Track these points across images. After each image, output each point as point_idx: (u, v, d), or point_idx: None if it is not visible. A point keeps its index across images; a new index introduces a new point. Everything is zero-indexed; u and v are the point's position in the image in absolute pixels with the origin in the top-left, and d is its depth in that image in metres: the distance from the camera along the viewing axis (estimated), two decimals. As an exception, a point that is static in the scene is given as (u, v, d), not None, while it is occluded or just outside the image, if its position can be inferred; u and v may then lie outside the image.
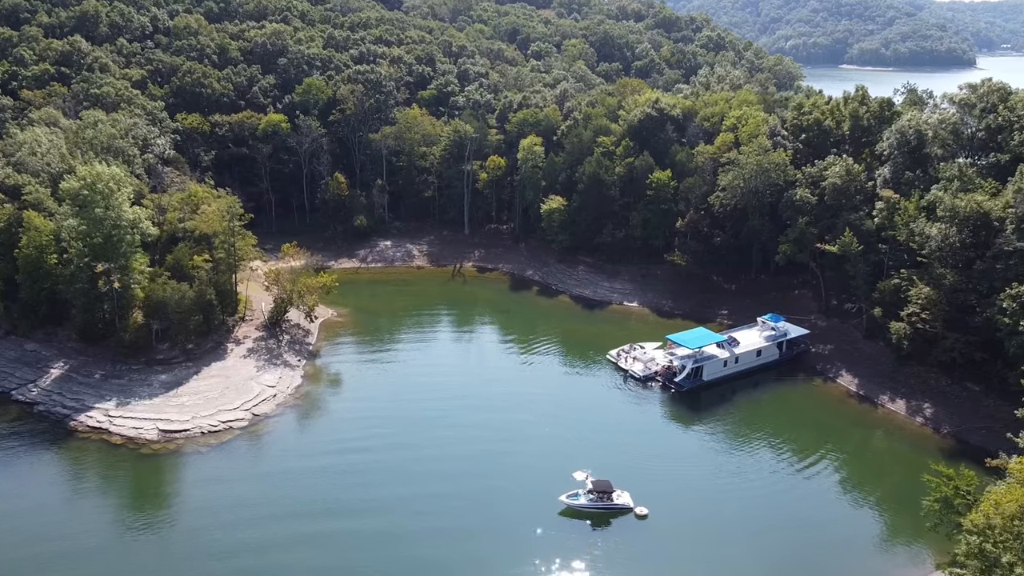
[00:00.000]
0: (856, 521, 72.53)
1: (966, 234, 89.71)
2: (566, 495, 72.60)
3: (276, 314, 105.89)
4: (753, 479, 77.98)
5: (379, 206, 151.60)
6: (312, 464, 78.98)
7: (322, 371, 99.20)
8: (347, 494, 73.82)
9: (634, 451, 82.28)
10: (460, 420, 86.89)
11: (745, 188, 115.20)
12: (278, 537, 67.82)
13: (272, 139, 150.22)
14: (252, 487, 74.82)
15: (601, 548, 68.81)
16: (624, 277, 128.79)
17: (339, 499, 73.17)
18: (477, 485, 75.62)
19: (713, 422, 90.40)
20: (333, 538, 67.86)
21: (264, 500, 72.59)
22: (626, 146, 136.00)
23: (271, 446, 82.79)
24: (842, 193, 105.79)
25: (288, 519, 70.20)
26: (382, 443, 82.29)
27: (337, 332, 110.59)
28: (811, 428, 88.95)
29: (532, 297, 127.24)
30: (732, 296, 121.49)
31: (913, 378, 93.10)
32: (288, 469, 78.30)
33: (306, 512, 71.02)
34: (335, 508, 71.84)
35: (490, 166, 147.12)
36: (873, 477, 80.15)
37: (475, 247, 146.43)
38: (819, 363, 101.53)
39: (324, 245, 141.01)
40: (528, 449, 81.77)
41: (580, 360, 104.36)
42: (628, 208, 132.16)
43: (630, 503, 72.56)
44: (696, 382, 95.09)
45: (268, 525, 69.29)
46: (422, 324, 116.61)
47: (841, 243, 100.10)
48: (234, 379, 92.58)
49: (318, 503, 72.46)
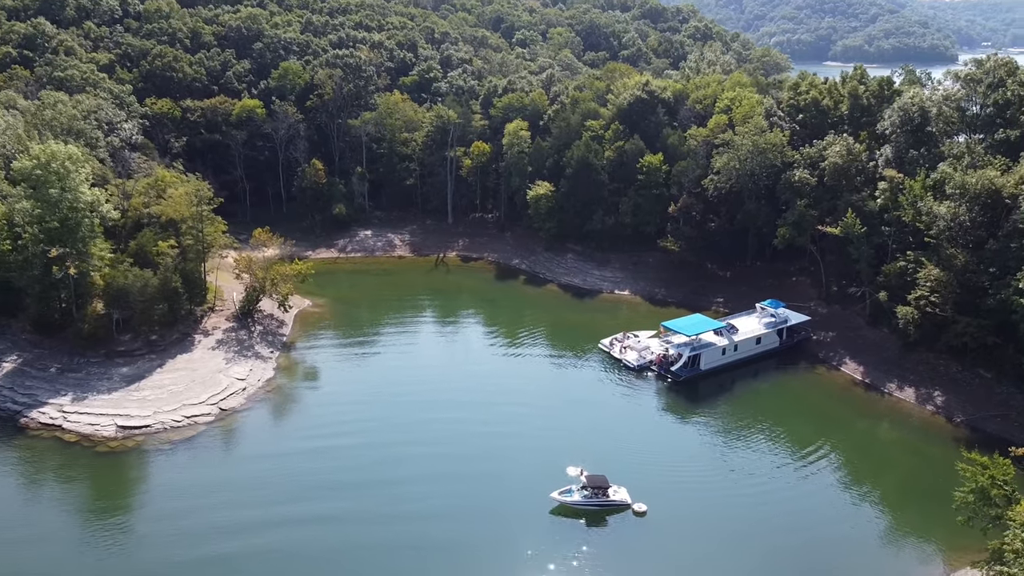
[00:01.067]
0: (868, 517, 67.50)
1: (976, 212, 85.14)
2: (558, 492, 67.06)
3: (247, 304, 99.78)
4: (757, 473, 72.85)
5: (359, 195, 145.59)
6: (283, 458, 73.21)
7: (296, 363, 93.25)
8: (319, 486, 68.05)
9: (629, 445, 76.95)
10: (443, 415, 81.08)
11: (741, 170, 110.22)
12: (242, 536, 61.90)
13: (247, 125, 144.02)
14: (217, 484, 68.85)
15: (597, 548, 63.40)
16: (614, 265, 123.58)
17: (311, 491, 67.42)
18: (460, 484, 69.89)
19: (712, 413, 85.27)
20: (303, 530, 62.12)
21: (230, 501, 66.61)
22: (615, 130, 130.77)
23: (239, 441, 76.90)
24: (843, 173, 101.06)
25: (255, 515, 64.54)
26: (358, 439, 76.43)
27: (313, 323, 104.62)
28: (816, 418, 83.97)
29: (519, 286, 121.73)
30: (727, 283, 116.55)
31: (921, 365, 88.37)
32: (257, 464, 72.62)
33: (274, 505, 65.34)
34: (306, 500, 66.08)
35: (474, 152, 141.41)
36: (884, 469, 75.25)
37: (459, 236, 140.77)
38: (821, 351, 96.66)
39: (301, 235, 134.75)
40: (516, 444, 76.17)
41: (570, 350, 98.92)
42: (618, 194, 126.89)
43: (627, 499, 67.13)
44: (693, 371, 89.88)
45: (233, 523, 63.40)
46: (404, 314, 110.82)
47: (844, 225, 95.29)
48: (201, 372, 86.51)
49: (288, 497, 66.67)
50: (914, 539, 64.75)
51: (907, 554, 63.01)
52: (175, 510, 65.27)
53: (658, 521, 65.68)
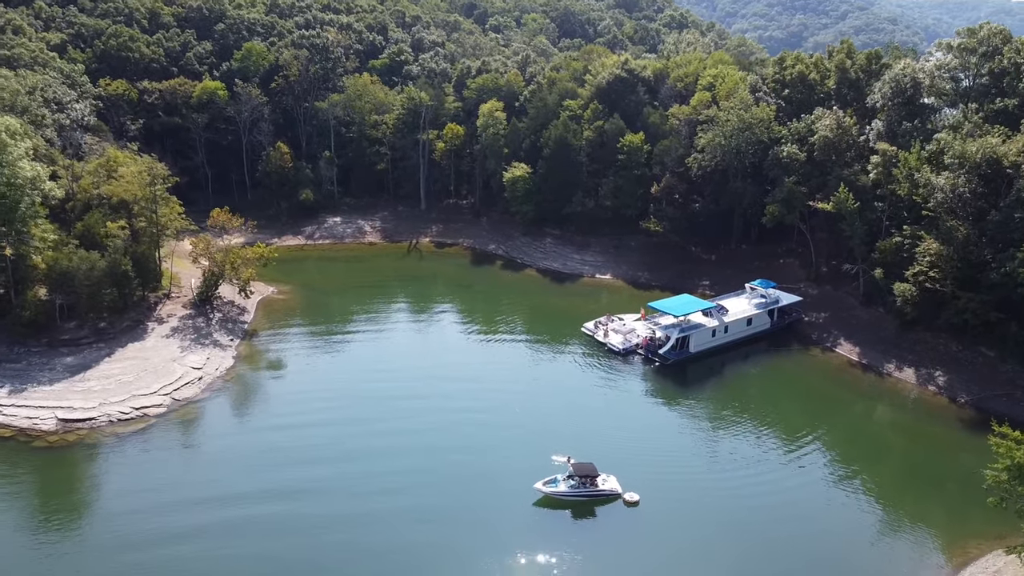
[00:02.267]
0: (874, 503, 62.72)
1: (977, 183, 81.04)
2: (542, 482, 61.54)
3: (206, 290, 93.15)
4: (754, 460, 67.89)
5: (327, 180, 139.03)
6: (241, 450, 67.19)
7: (258, 351, 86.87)
8: (280, 479, 61.89)
9: (617, 432, 71.56)
10: (416, 404, 75.12)
11: (727, 147, 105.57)
12: (190, 538, 55.69)
13: (208, 108, 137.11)
14: (167, 480, 62.38)
15: (586, 542, 58.06)
16: (595, 249, 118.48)
17: (271, 485, 61.26)
18: (435, 477, 63.95)
19: (703, 398, 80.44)
20: (258, 524, 56.08)
21: (180, 500, 60.20)
22: (594, 109, 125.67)
23: (194, 433, 70.51)
24: (833, 148, 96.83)
25: (206, 507, 58.64)
26: (325, 428, 70.29)
27: (277, 310, 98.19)
28: (813, 401, 79.44)
29: (496, 271, 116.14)
30: (712, 266, 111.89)
31: (919, 344, 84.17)
32: (212, 457, 66.67)
33: (231, 497, 59.37)
34: (266, 494, 59.97)
35: (447, 135, 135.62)
36: (888, 453, 70.86)
37: (432, 222, 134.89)
38: (814, 332, 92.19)
39: (267, 222, 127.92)
40: (496, 433, 70.42)
41: (551, 335, 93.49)
42: (598, 175, 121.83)
43: (618, 488, 61.79)
44: (682, 354, 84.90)
45: (181, 523, 57.12)
46: (374, 301, 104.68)
47: (836, 200, 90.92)
48: (153, 361, 79.89)
49: (244, 492, 60.50)
50: (926, 525, 60.02)
51: (919, 541, 58.25)
52: (117, 508, 58.88)
53: (651, 511, 60.45)
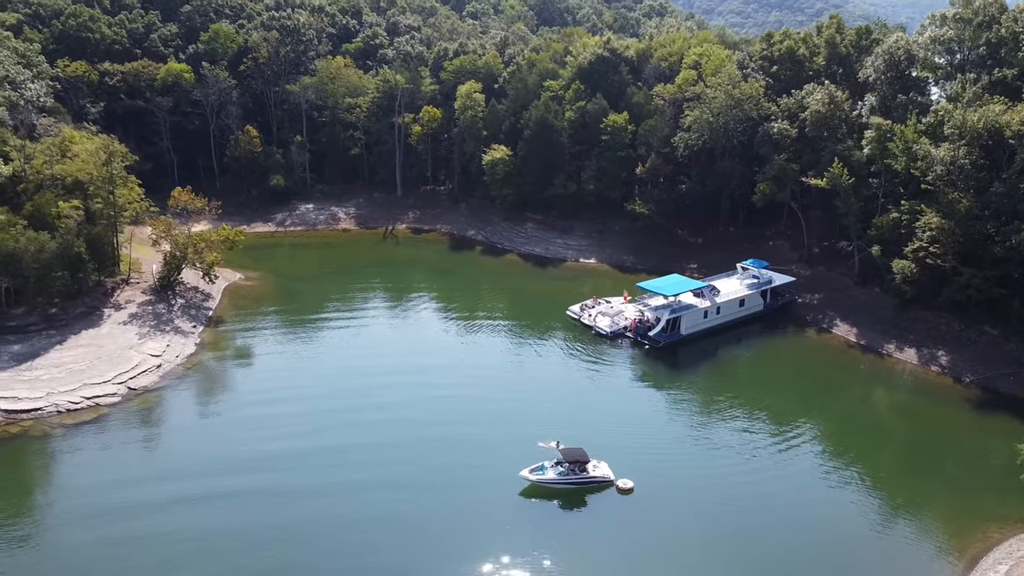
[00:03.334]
0: (883, 488, 58.81)
1: (978, 154, 77.63)
2: (529, 469, 56.93)
3: (167, 274, 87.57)
4: (753, 444, 63.71)
5: (299, 166, 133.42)
6: (200, 440, 62.08)
7: (223, 338, 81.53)
8: (244, 469, 56.91)
9: (606, 418, 66.95)
10: (393, 392, 70.01)
11: (714, 124, 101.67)
12: (136, 523, 50.59)
13: (173, 91, 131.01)
14: (117, 469, 57.37)
15: (577, 533, 53.66)
16: (578, 233, 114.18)
17: (233, 476, 56.18)
18: (411, 467, 59.14)
19: (697, 381, 76.33)
20: (217, 514, 51.04)
21: (130, 493, 55.02)
22: (576, 90, 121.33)
23: (149, 423, 65.16)
24: (825, 123, 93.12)
25: (159, 499, 53.13)
26: (293, 418, 65.17)
27: (245, 296, 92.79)
28: (812, 383, 75.60)
29: (476, 257, 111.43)
30: (700, 249, 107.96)
31: (920, 324, 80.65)
32: (170, 445, 62.06)
33: (189, 488, 54.07)
34: (226, 482, 54.96)
35: (424, 118, 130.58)
36: (893, 435, 67.01)
37: (409, 208, 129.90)
38: (808, 313, 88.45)
39: (236, 210, 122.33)
40: (477, 421, 65.50)
41: (535, 319, 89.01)
42: (580, 157, 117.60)
43: (610, 475, 57.37)
44: (673, 336, 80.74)
45: (127, 511, 52.11)
46: (348, 286, 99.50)
47: (830, 176, 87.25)
48: (108, 348, 74.35)
49: (202, 486, 55.37)
50: (939, 509, 56.19)
51: (932, 527, 54.33)
52: (63, 502, 53.66)
53: (646, 499, 56.09)
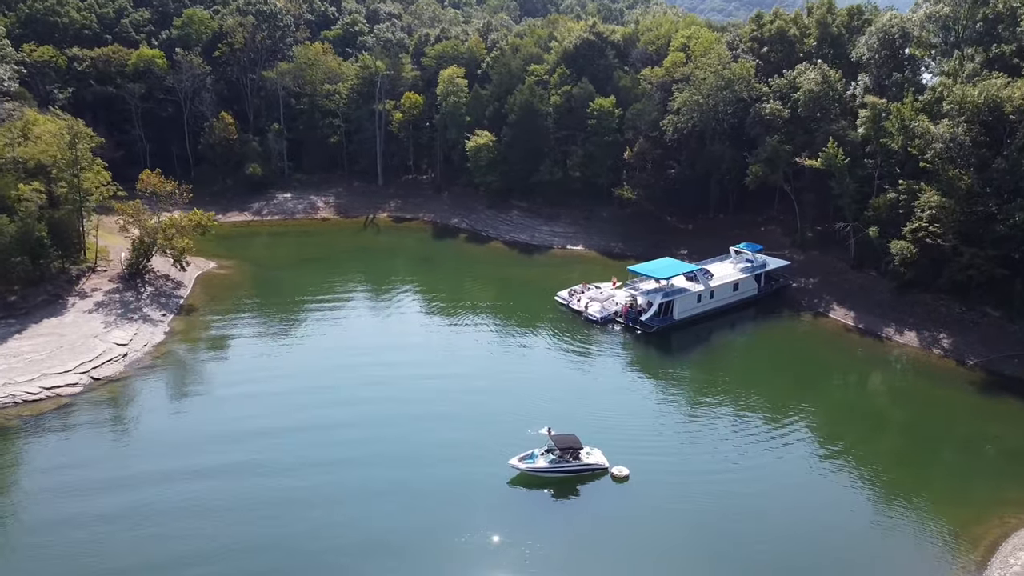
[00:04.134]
0: (891, 475, 56.09)
1: (978, 131, 75.18)
2: (518, 457, 53.66)
3: (136, 261, 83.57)
4: (752, 430, 60.72)
5: (276, 154, 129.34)
6: (167, 431, 58.24)
7: (194, 327, 77.61)
8: (210, 457, 53.27)
9: (598, 406, 63.48)
10: (374, 379, 66.48)
11: (704, 106, 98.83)
12: (91, 514, 46.90)
13: (145, 78, 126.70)
14: (74, 460, 53.57)
15: (571, 524, 50.37)
16: (565, 220, 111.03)
17: (202, 470, 52.54)
18: (392, 457, 55.86)
19: (691, 366, 73.37)
20: (180, 505, 47.38)
21: (87, 484, 51.28)
22: (561, 74, 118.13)
23: (112, 412, 61.29)
24: (819, 103, 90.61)
25: (120, 488, 49.75)
26: (268, 409, 61.58)
27: (218, 284, 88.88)
28: (810, 368, 72.82)
29: (459, 244, 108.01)
30: (690, 236, 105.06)
31: (919, 307, 78.16)
32: (133, 435, 58.49)
33: (152, 477, 50.35)
34: (192, 471, 51.28)
35: (405, 104, 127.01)
36: (898, 420, 64.37)
37: (391, 197, 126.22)
38: (804, 297, 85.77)
39: (211, 199, 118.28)
40: (462, 411, 62.03)
41: (522, 305, 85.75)
42: (567, 142, 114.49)
43: (604, 462, 54.20)
44: (666, 321, 77.73)
45: (84, 502, 48.33)
46: (327, 275, 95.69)
47: (824, 156, 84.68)
48: (71, 337, 70.31)
49: (171, 466, 51.74)
50: (952, 495, 53.20)
51: (945, 513, 51.47)
52: (17, 493, 49.81)
53: (643, 487, 52.92)
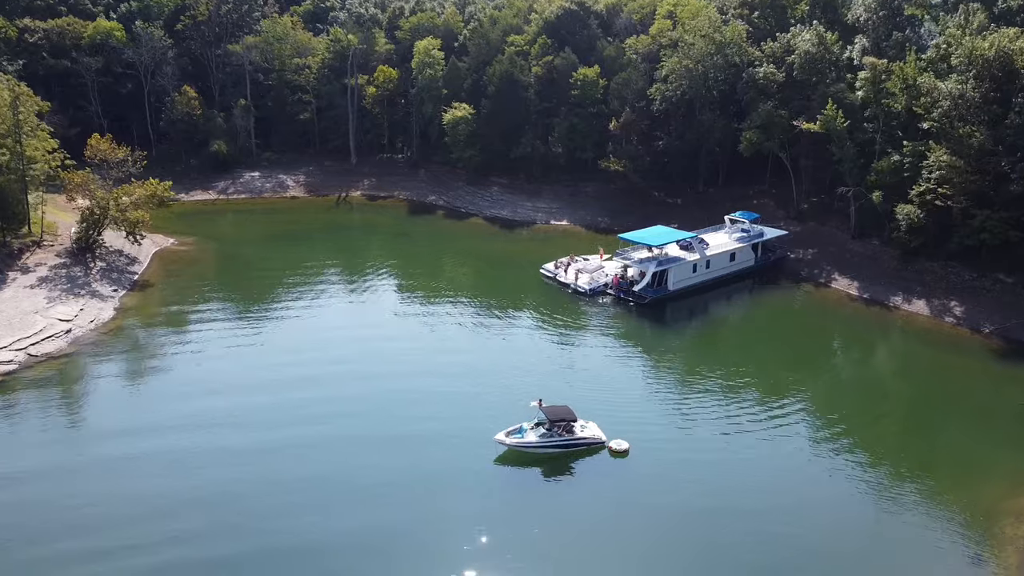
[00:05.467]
0: (912, 448, 51.45)
1: (988, 86, 70.80)
2: (505, 432, 48.22)
3: (86, 234, 77.00)
4: (758, 403, 55.74)
5: (243, 131, 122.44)
6: (105, 411, 52.23)
7: (147, 303, 71.26)
8: (159, 437, 47.34)
9: (590, 382, 57.98)
10: (344, 357, 60.82)
11: (694, 72, 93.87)
12: (39, 487, 40.92)
13: (103, 51, 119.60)
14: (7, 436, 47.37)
15: (565, 505, 45.00)
16: (548, 196, 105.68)
17: (147, 441, 46.62)
18: (366, 440, 50.28)
19: (691, 339, 68.63)
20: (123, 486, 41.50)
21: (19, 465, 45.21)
22: (543, 44, 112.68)
23: (49, 390, 54.93)
24: (815, 66, 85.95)
25: (57, 468, 43.48)
26: (225, 388, 55.73)
27: (177, 260, 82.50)
28: (816, 338, 68.24)
29: (437, 220, 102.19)
30: (679, 210, 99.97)
31: (927, 275, 73.73)
32: (69, 415, 52.22)
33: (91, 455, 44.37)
34: (140, 451, 45.36)
35: (379, 79, 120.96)
36: (916, 390, 59.59)
37: (364, 176, 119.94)
38: (803, 268, 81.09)
39: (174, 179, 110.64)
40: (442, 389, 56.24)
41: (506, 278, 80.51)
42: (549, 115, 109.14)
43: (600, 435, 48.94)
44: (660, 292, 72.55)
45: (27, 477, 42.28)
46: (295, 251, 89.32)
47: (823, 119, 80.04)
48: (7, 313, 63.77)
49: (114, 447, 45.79)
50: (983, 465, 48.70)
51: (981, 485, 46.78)
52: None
53: (644, 464, 47.64)
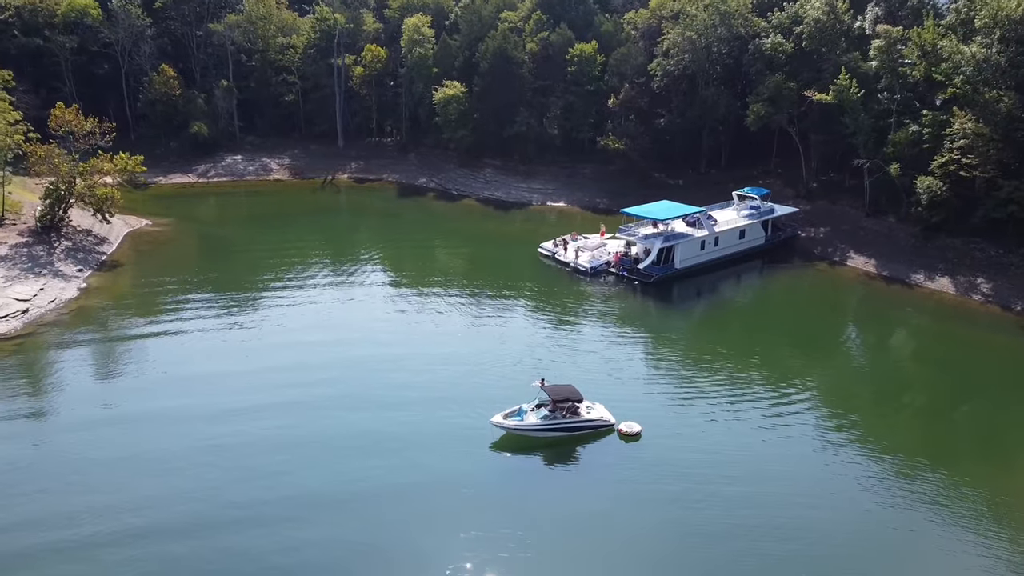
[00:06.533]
0: (949, 430, 47.04)
1: (1015, 49, 66.50)
2: (502, 414, 43.35)
3: (50, 211, 71.87)
4: (778, 390, 51.11)
5: (225, 113, 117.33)
6: (65, 390, 47.18)
7: (115, 284, 66.14)
8: (120, 422, 42.48)
9: (595, 366, 52.93)
10: (328, 343, 55.93)
11: (697, 44, 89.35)
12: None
13: (77, 30, 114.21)
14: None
15: (571, 497, 40.20)
16: (543, 178, 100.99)
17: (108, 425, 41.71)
18: (345, 426, 45.52)
19: (703, 320, 63.99)
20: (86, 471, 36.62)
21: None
22: (537, 20, 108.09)
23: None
24: (826, 34, 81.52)
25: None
26: (194, 369, 50.87)
27: (150, 241, 77.40)
28: (837, 318, 63.85)
29: (428, 202, 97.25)
30: (681, 191, 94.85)
31: (949, 251, 69.36)
32: (19, 402, 46.52)
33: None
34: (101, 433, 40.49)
35: (367, 58, 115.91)
36: (948, 370, 55.00)
37: (352, 160, 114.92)
38: (816, 247, 76.62)
39: (152, 164, 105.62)
40: (436, 372, 51.50)
41: (502, 257, 75.83)
42: (544, 93, 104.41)
43: (609, 417, 44.20)
44: (667, 270, 67.87)
45: None
46: (277, 233, 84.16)
47: (836, 89, 75.61)
48: (-40, 292, 58.83)
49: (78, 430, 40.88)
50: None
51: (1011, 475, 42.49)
52: None
53: (657, 448, 42.92)
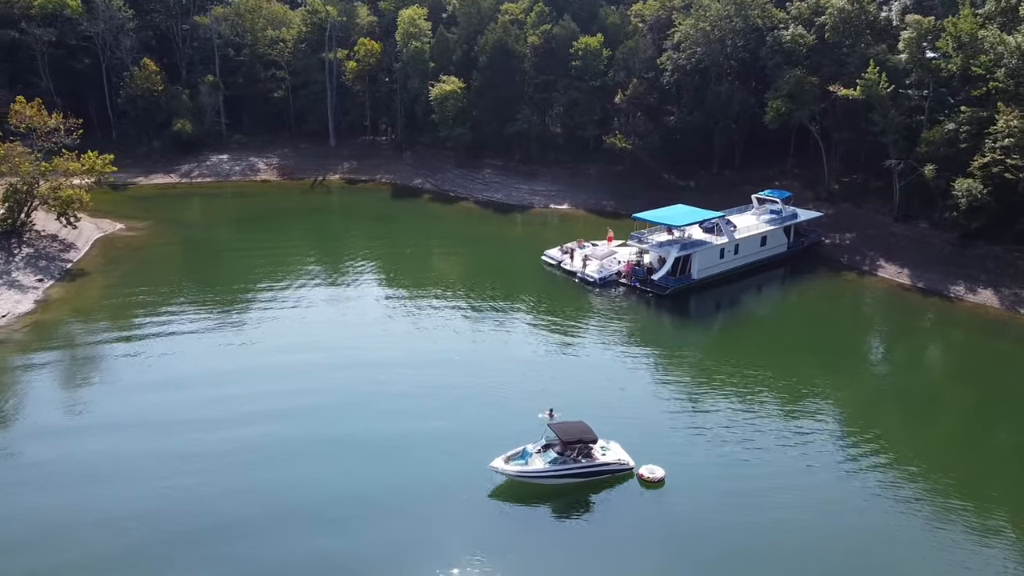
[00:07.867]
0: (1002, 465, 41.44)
1: (1064, 40, 61.02)
2: (504, 457, 37.47)
3: (9, 215, 66.10)
4: (818, 420, 45.42)
5: (211, 110, 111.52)
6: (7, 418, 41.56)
7: (78, 296, 60.30)
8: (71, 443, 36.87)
9: (606, 391, 47.28)
10: (316, 363, 50.35)
11: (711, 36, 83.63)
12: None
13: (56, 22, 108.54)
14: None
15: (586, 557, 34.56)
16: (546, 179, 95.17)
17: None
18: (329, 465, 39.85)
19: (722, 337, 57.98)
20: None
21: None
22: (539, 12, 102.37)
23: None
24: (850, 26, 75.87)
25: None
26: (164, 393, 45.23)
27: (122, 247, 71.55)
28: (869, 334, 58.28)
29: (424, 204, 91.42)
30: (692, 193, 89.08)
31: (990, 261, 63.67)
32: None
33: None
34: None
35: (360, 52, 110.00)
36: (1002, 394, 49.21)
37: (344, 159, 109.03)
38: (842, 255, 70.81)
39: (134, 163, 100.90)
40: (428, 400, 45.73)
41: (503, 266, 69.94)
42: (547, 89, 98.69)
43: (627, 460, 38.37)
44: (683, 280, 62.05)
45: None
46: (262, 238, 78.24)
47: (863, 83, 69.88)
48: (-99, 306, 53.13)
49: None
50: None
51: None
52: None
53: (684, 496, 37.21)
